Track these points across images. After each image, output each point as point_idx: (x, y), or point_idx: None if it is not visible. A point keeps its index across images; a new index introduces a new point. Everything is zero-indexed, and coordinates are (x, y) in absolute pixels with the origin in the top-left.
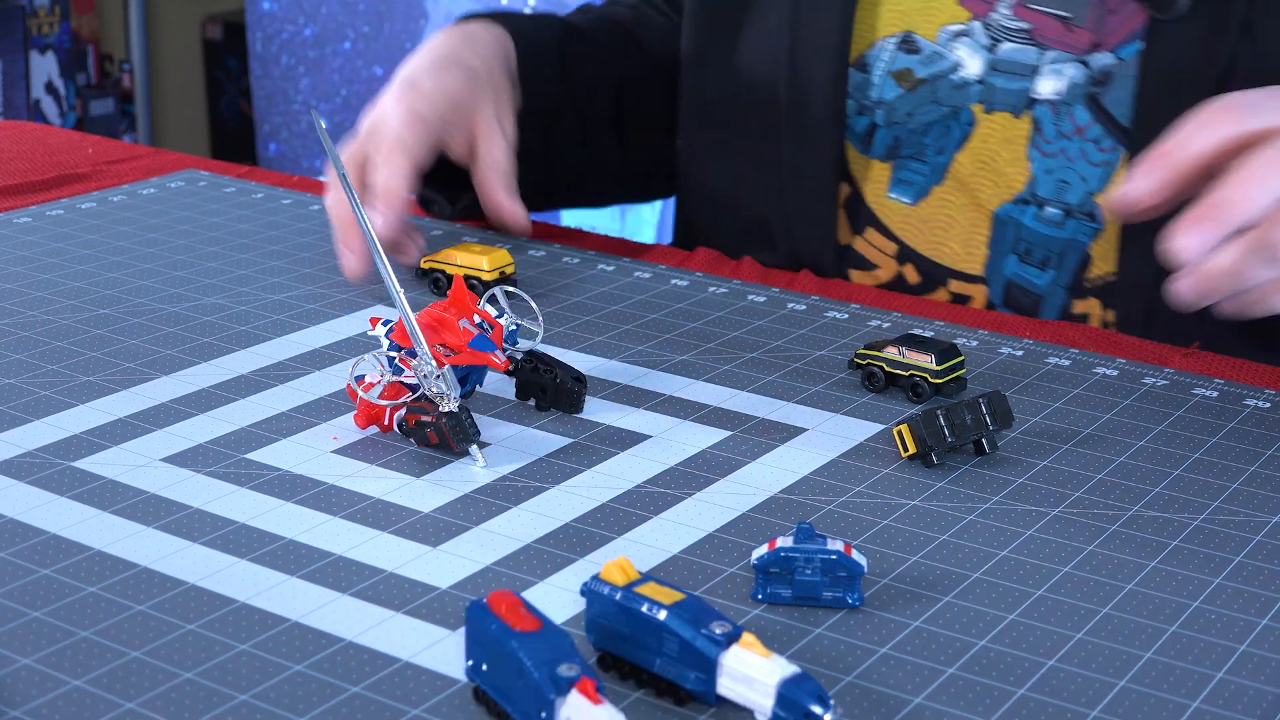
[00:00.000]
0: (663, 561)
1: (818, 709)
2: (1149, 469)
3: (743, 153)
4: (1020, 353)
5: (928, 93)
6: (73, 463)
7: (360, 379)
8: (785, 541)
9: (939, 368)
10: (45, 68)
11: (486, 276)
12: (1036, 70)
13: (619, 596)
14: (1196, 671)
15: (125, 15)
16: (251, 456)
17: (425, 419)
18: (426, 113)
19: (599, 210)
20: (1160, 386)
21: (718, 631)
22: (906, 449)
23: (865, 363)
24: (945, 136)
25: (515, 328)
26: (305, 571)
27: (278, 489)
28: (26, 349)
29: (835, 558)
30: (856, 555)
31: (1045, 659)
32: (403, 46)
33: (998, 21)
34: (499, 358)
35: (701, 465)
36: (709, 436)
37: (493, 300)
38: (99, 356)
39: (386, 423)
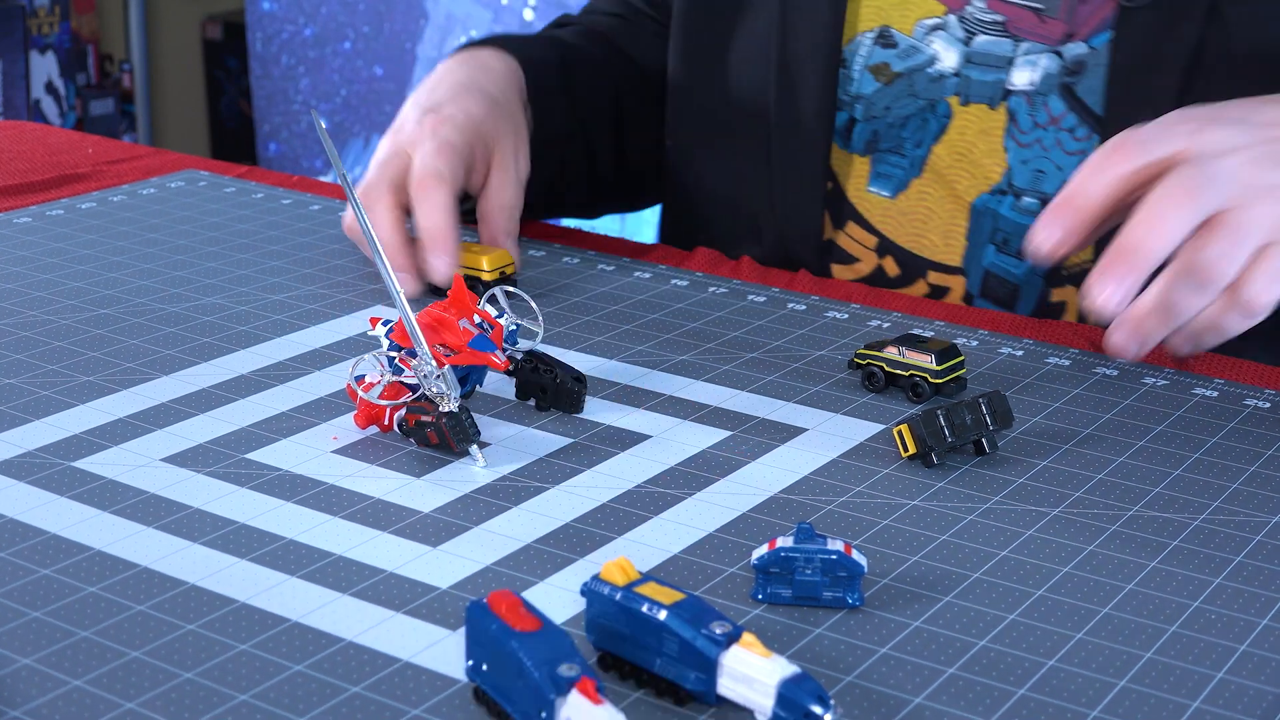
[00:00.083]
0: (663, 561)
1: (818, 709)
2: (1149, 469)
3: (732, 150)
4: (1020, 353)
5: (904, 86)
6: (73, 463)
7: (360, 379)
8: (785, 541)
9: (939, 368)
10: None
11: (486, 276)
12: (1011, 62)
13: (619, 596)
14: (1197, 671)
15: (125, 15)
16: (251, 456)
17: (425, 419)
18: (455, 140)
19: None
20: (1160, 386)
21: (718, 631)
22: (906, 449)
23: (865, 363)
24: (923, 129)
25: (515, 328)
26: (305, 571)
27: (278, 489)
28: (26, 349)
29: (835, 558)
30: (856, 555)
31: (1045, 659)
32: (403, 46)
33: (972, 15)
34: (499, 358)
35: (701, 465)
36: (709, 436)
37: (493, 300)
38: (99, 356)
39: (386, 423)
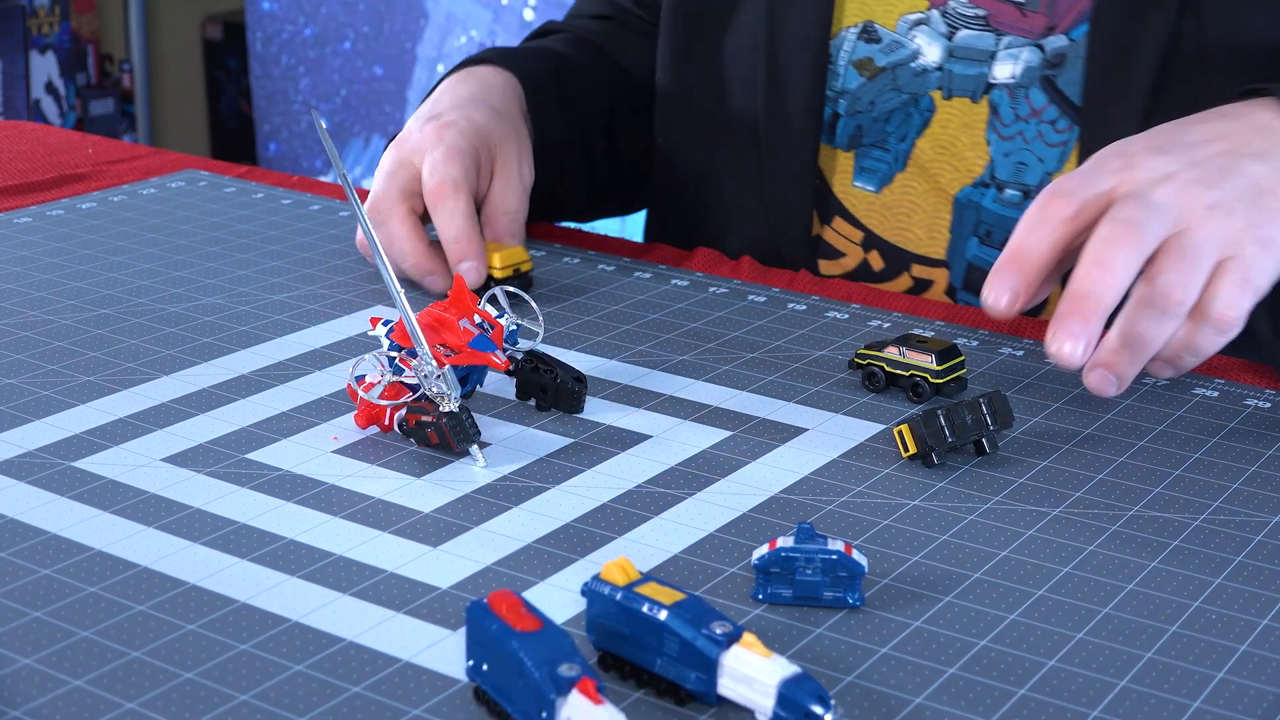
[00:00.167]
0: (663, 561)
1: (818, 709)
2: (1149, 469)
3: (721, 147)
4: (1020, 353)
5: (888, 81)
6: (73, 463)
7: (361, 379)
8: (786, 541)
9: (939, 368)
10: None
11: (498, 274)
12: (993, 56)
13: (619, 596)
14: (1197, 672)
15: (125, 15)
16: (252, 456)
17: (426, 419)
18: (462, 144)
19: None
20: (1160, 387)
21: (718, 631)
22: (907, 449)
23: (865, 363)
24: (906, 123)
25: (515, 328)
26: (306, 571)
27: (278, 489)
28: (26, 349)
29: (836, 558)
30: (857, 555)
31: (1046, 659)
32: (403, 46)
33: (955, 9)
34: (499, 358)
35: (702, 465)
36: (709, 436)
37: (493, 300)
38: (99, 356)
39: (387, 423)
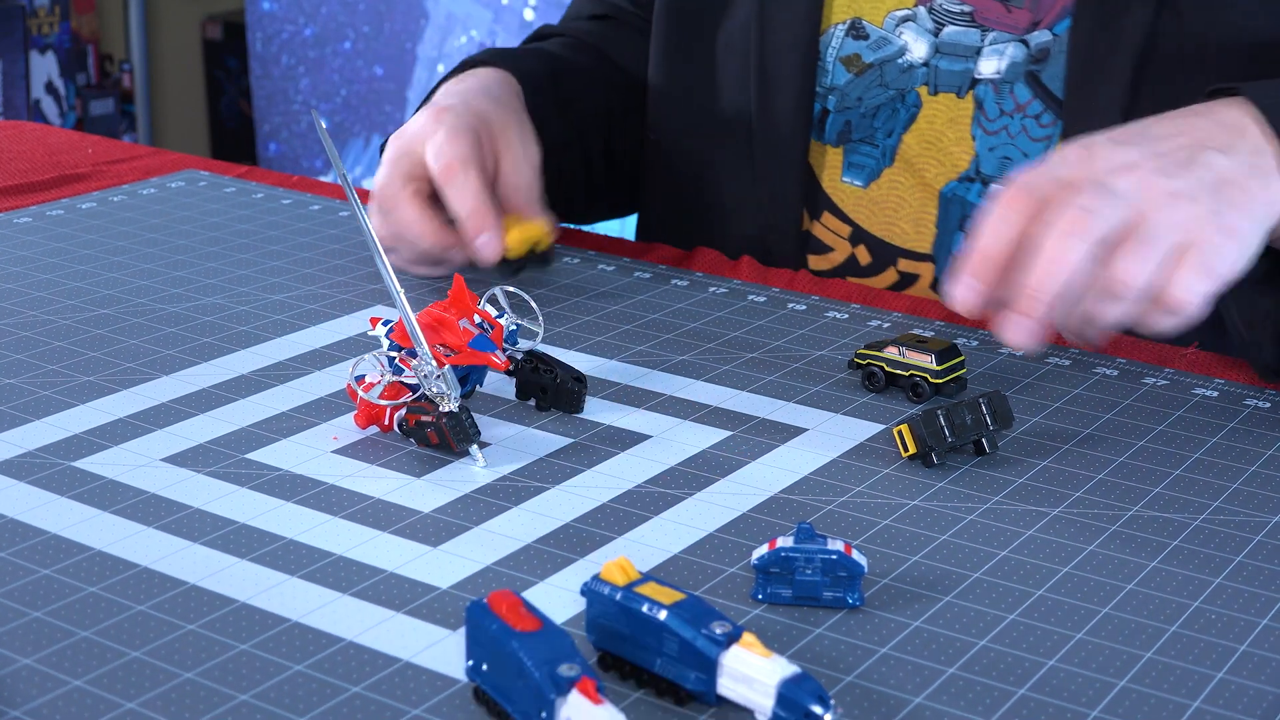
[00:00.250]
0: (663, 561)
1: (818, 709)
2: (1149, 469)
3: (712, 144)
4: (1020, 353)
5: (875, 77)
6: (73, 463)
7: (360, 379)
8: (785, 541)
9: (939, 368)
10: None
11: (513, 254)
12: (979, 51)
13: (619, 596)
14: (1197, 671)
15: (125, 15)
16: (252, 456)
17: (425, 419)
18: (462, 125)
19: None
20: (1160, 386)
21: (718, 631)
22: (907, 449)
23: (865, 363)
24: (893, 119)
25: (515, 328)
26: (305, 571)
27: (278, 489)
28: (26, 349)
29: (835, 558)
30: (857, 555)
31: (1046, 659)
32: (403, 46)
33: (941, 6)
34: (499, 358)
35: (702, 465)
36: (709, 436)
37: (493, 300)
38: (99, 356)
39: (387, 423)
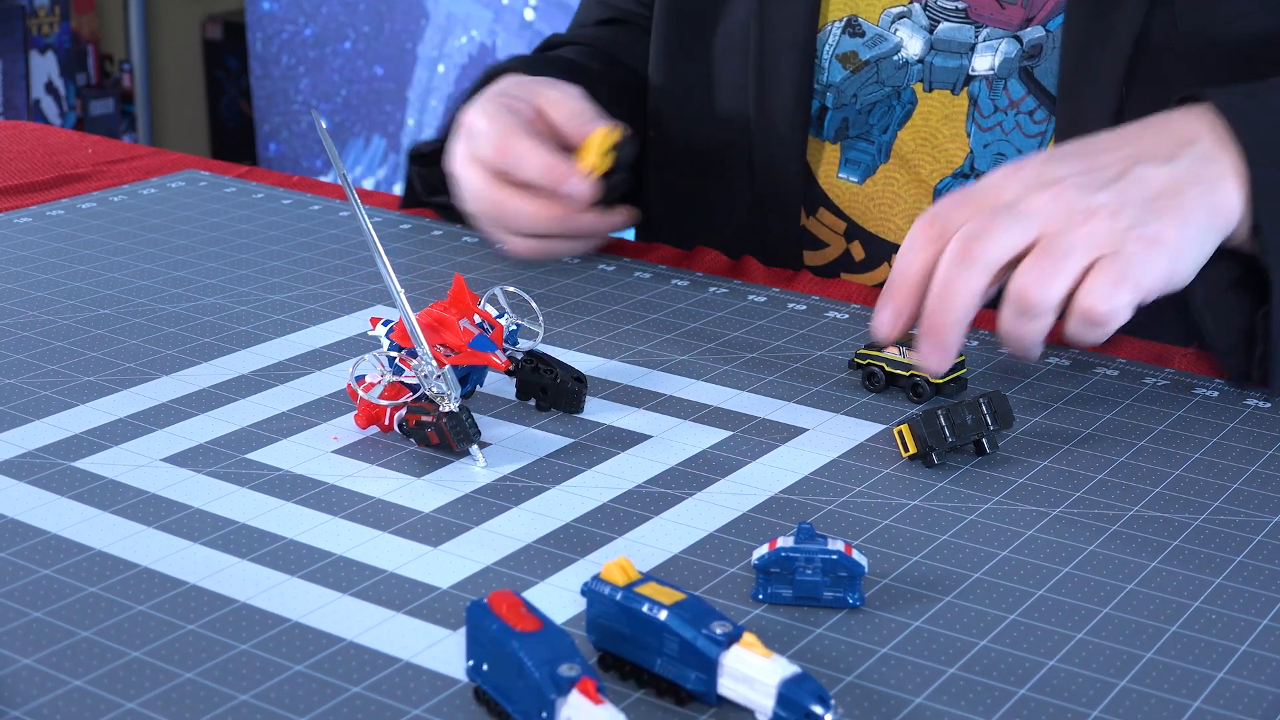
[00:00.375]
0: (663, 561)
1: (818, 709)
2: (1149, 469)
3: (712, 141)
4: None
5: (871, 74)
6: (73, 463)
7: (361, 379)
8: (786, 541)
9: None
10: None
11: (601, 171)
12: (973, 48)
13: (619, 596)
14: (1197, 672)
15: (125, 15)
16: (252, 456)
17: (426, 419)
18: (494, 110)
19: None
20: (1160, 386)
21: (718, 631)
22: (907, 449)
23: (865, 363)
24: (888, 115)
25: (515, 328)
26: (306, 571)
27: (278, 489)
28: (27, 349)
29: (836, 558)
30: (857, 555)
31: (1046, 659)
32: (403, 46)
33: (936, 2)
34: (499, 358)
35: (702, 465)
36: (709, 436)
37: (493, 300)
38: (99, 356)
39: (387, 423)
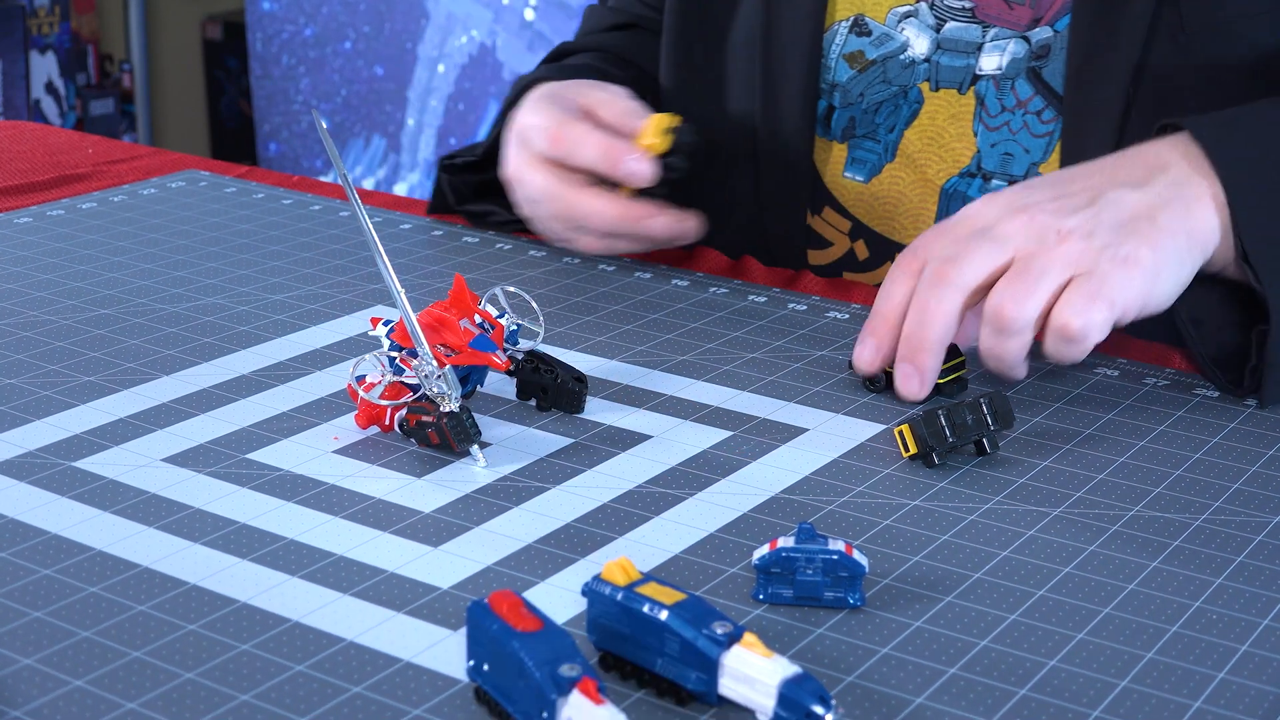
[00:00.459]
0: (664, 561)
1: (819, 709)
2: (1149, 469)
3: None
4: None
5: (878, 73)
6: (73, 463)
7: (361, 379)
8: (786, 541)
9: (945, 365)
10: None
11: (659, 150)
12: (980, 47)
13: (620, 596)
14: (1198, 672)
15: (125, 15)
16: (252, 456)
17: (426, 419)
18: (542, 105)
19: None
20: (1160, 386)
21: (719, 631)
22: (908, 449)
23: None
24: (895, 115)
25: (516, 328)
26: (306, 572)
27: (278, 489)
28: (27, 349)
29: (836, 558)
30: (858, 555)
31: (1047, 659)
32: (403, 46)
33: (943, 2)
34: (500, 358)
35: (702, 465)
36: (710, 437)
37: (493, 300)
38: (100, 356)
39: (387, 423)
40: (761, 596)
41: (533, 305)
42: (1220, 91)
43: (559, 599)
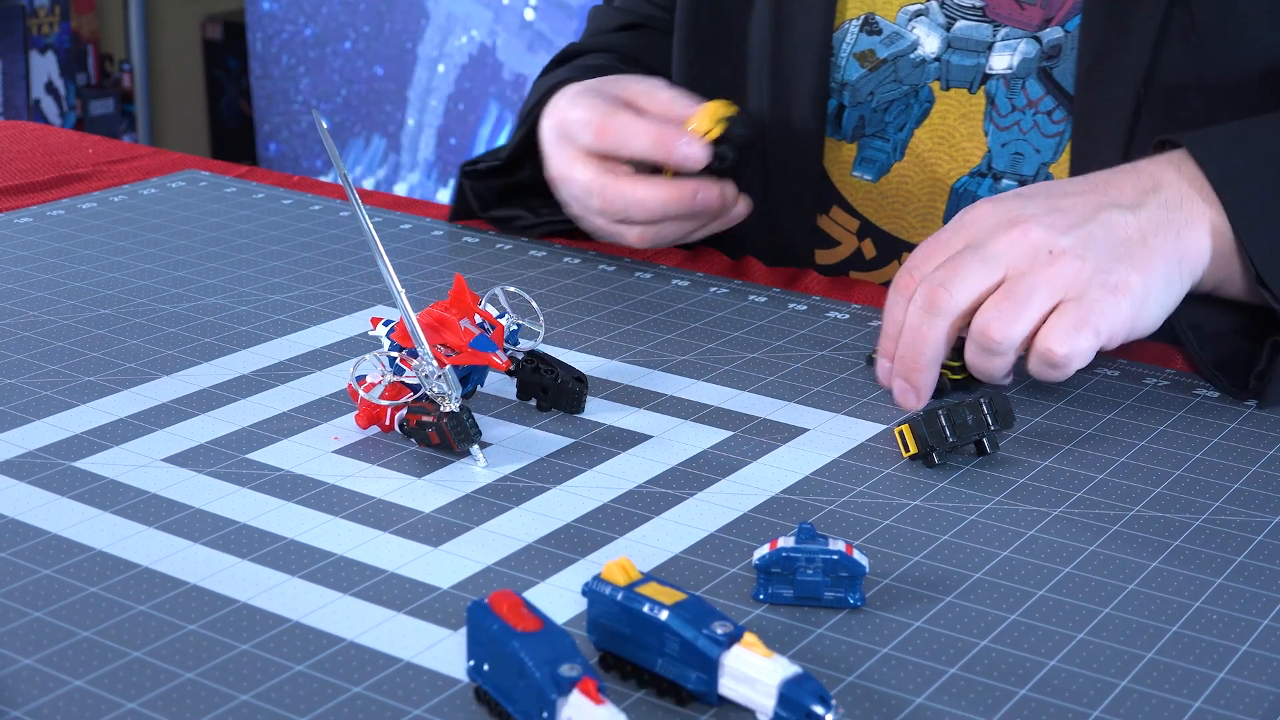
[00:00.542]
0: (664, 561)
1: (819, 709)
2: (1149, 469)
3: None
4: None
5: (888, 72)
6: (74, 463)
7: (361, 379)
8: (787, 541)
9: (956, 363)
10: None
11: (713, 135)
12: (990, 47)
13: (620, 596)
14: (1198, 672)
15: (125, 15)
16: (252, 456)
17: (426, 419)
18: (583, 100)
19: None
20: (1160, 386)
21: (719, 631)
22: (908, 449)
23: None
24: (905, 114)
25: (516, 328)
26: (306, 572)
27: (279, 489)
28: (27, 349)
29: (837, 558)
30: (858, 555)
31: (1047, 659)
32: (403, 46)
33: (953, 1)
34: (500, 358)
35: (703, 465)
36: (710, 436)
37: (494, 300)
38: (100, 356)
39: (388, 423)
40: (762, 596)
41: (533, 305)
42: (1231, 93)
43: (559, 599)
